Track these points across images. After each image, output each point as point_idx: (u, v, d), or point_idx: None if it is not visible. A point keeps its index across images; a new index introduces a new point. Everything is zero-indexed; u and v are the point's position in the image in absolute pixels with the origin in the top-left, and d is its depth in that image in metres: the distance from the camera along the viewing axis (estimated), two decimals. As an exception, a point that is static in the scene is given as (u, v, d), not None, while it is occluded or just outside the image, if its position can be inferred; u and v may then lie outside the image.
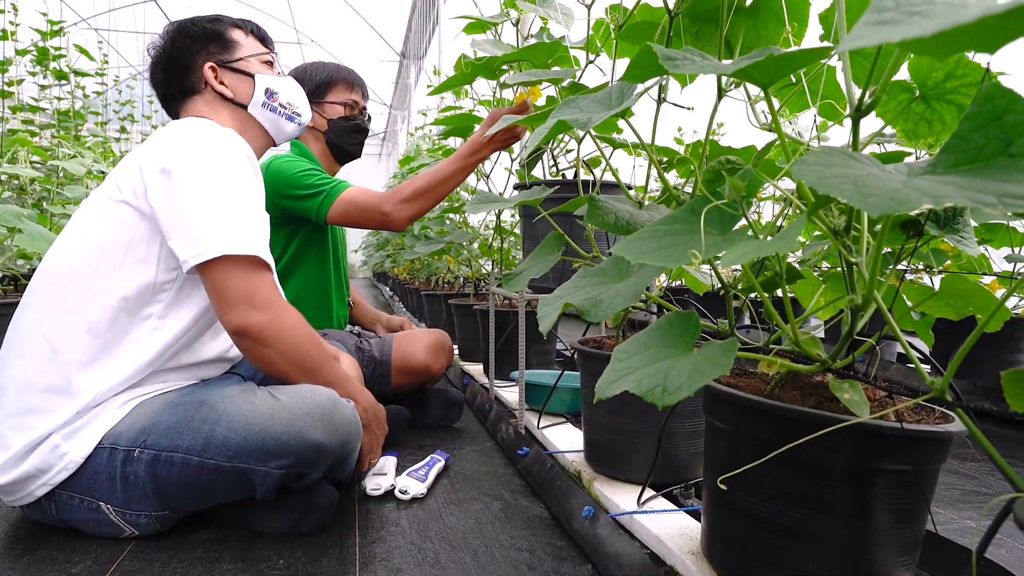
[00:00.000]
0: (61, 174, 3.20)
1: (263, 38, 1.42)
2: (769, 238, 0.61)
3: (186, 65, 1.32)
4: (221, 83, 1.32)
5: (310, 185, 1.75)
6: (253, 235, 1.11)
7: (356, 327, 2.10)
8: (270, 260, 1.14)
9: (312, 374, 1.17)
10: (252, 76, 1.34)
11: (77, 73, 3.84)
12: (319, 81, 1.91)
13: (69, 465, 1.05)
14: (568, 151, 1.87)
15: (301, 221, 1.84)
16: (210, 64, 1.31)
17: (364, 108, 2.01)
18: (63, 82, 3.79)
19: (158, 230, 1.11)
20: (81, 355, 1.08)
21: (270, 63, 1.39)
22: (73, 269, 1.11)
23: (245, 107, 1.34)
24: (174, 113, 1.36)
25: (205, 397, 1.10)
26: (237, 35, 1.36)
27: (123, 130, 5.02)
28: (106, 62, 4.63)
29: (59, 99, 3.83)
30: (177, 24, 1.35)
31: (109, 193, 1.15)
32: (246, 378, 1.29)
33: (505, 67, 1.63)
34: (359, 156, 2.03)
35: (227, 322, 1.10)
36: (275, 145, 1.43)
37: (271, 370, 1.15)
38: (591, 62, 1.41)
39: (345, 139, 1.95)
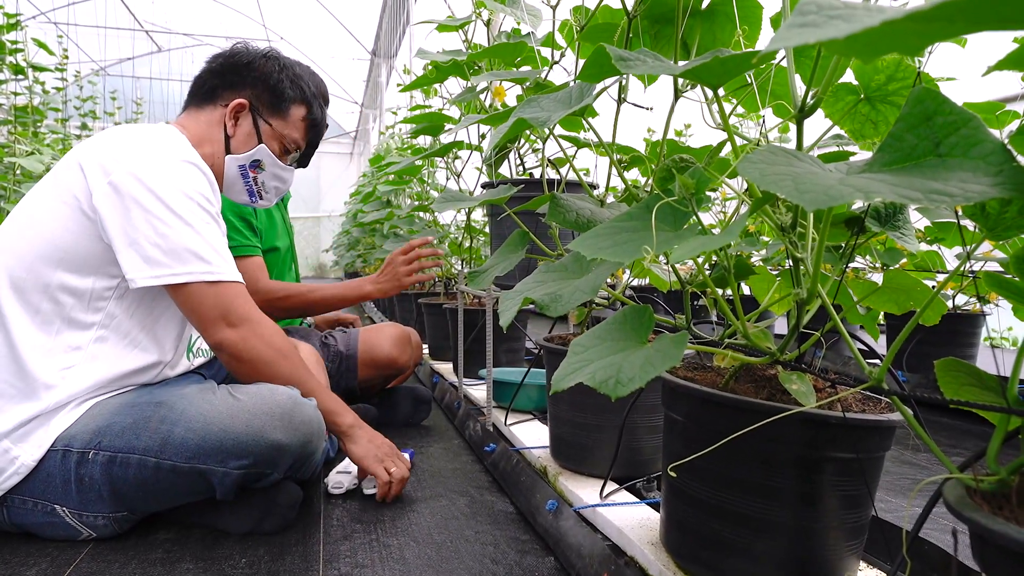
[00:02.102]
0: (19, 171, 3.12)
1: (311, 133, 1.39)
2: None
3: (235, 81, 1.29)
4: (234, 118, 1.29)
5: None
6: (216, 256, 1.11)
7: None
8: (238, 276, 1.14)
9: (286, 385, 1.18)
10: (259, 141, 1.31)
11: (35, 68, 3.74)
12: None
13: (21, 469, 1.03)
14: (536, 150, 1.89)
15: None
16: (243, 101, 1.28)
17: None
18: (20, 77, 3.69)
19: (97, 234, 1.08)
20: (23, 359, 1.04)
21: (288, 151, 1.37)
22: (5, 271, 1.07)
23: (228, 152, 1.30)
24: (185, 104, 1.33)
25: (163, 397, 1.08)
26: (296, 112, 1.34)
27: (84, 127, 4.90)
28: (66, 57, 4.52)
29: (16, 94, 3.73)
30: (277, 55, 1.35)
31: (48, 192, 1.11)
32: (207, 377, 1.27)
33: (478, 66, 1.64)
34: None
35: (207, 337, 1.12)
36: (221, 190, 1.36)
37: (247, 381, 1.17)
38: (556, 62, 1.43)
39: None
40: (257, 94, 1.30)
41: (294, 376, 1.19)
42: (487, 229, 2.74)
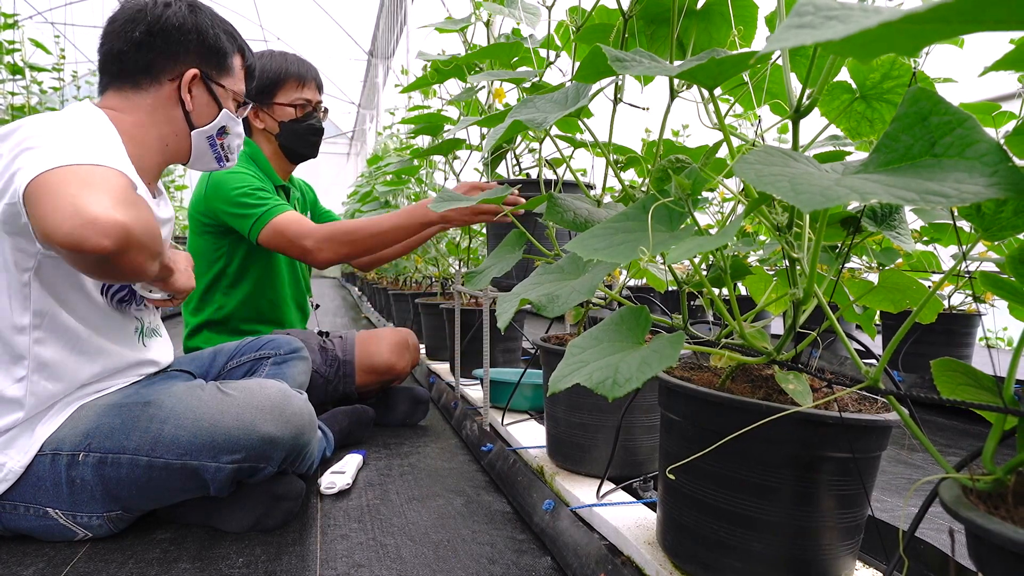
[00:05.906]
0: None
1: (250, 78, 1.33)
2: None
3: (173, 51, 1.15)
4: (189, 92, 1.18)
5: (244, 205, 1.68)
6: (79, 152, 0.87)
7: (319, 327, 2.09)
8: (106, 162, 0.88)
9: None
10: (220, 108, 1.23)
11: (32, 68, 3.74)
12: (267, 80, 1.81)
13: (8, 476, 1.02)
14: (532, 150, 1.89)
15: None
16: (195, 72, 1.17)
17: (318, 103, 1.90)
18: (18, 77, 3.69)
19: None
20: None
21: (240, 104, 1.29)
22: None
23: (192, 127, 1.20)
24: (106, 83, 1.15)
25: (151, 397, 1.08)
26: (236, 62, 1.26)
27: (81, 127, 4.88)
28: (63, 57, 4.51)
29: (13, 94, 3.72)
30: (199, 4, 1.20)
31: None
32: (196, 376, 1.27)
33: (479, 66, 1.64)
34: (315, 156, 1.95)
35: (62, 239, 0.79)
36: (184, 164, 1.28)
37: (132, 273, 0.89)
38: (552, 62, 1.43)
39: (298, 142, 1.87)
40: (202, 57, 1.19)
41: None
42: (484, 229, 2.74)
